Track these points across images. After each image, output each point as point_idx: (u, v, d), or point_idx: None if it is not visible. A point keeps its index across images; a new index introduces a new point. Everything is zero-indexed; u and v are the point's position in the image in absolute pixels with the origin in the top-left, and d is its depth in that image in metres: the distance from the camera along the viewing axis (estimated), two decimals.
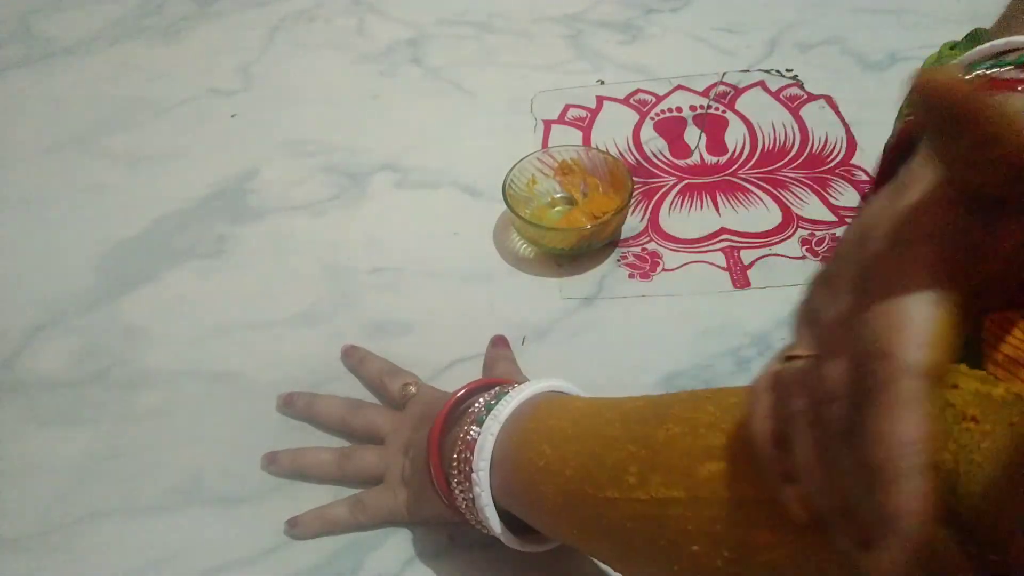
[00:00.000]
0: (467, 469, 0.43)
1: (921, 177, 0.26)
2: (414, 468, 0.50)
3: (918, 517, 0.22)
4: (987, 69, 0.32)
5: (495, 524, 0.43)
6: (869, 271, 0.26)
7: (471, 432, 0.44)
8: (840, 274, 0.28)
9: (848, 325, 0.26)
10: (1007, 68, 0.32)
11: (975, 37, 0.50)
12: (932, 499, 0.22)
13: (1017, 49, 0.34)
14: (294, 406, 0.57)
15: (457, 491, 0.44)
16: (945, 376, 0.24)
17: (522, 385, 0.45)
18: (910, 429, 0.22)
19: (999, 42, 0.35)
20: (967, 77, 0.32)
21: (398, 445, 0.52)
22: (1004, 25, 0.39)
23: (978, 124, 0.22)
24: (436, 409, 0.48)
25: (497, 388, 0.46)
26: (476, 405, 0.45)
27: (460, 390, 0.48)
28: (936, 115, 0.23)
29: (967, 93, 0.21)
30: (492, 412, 0.44)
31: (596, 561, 0.48)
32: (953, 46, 0.52)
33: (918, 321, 0.24)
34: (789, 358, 0.29)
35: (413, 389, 0.54)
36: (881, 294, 0.25)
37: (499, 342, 0.60)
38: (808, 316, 0.30)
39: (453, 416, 0.47)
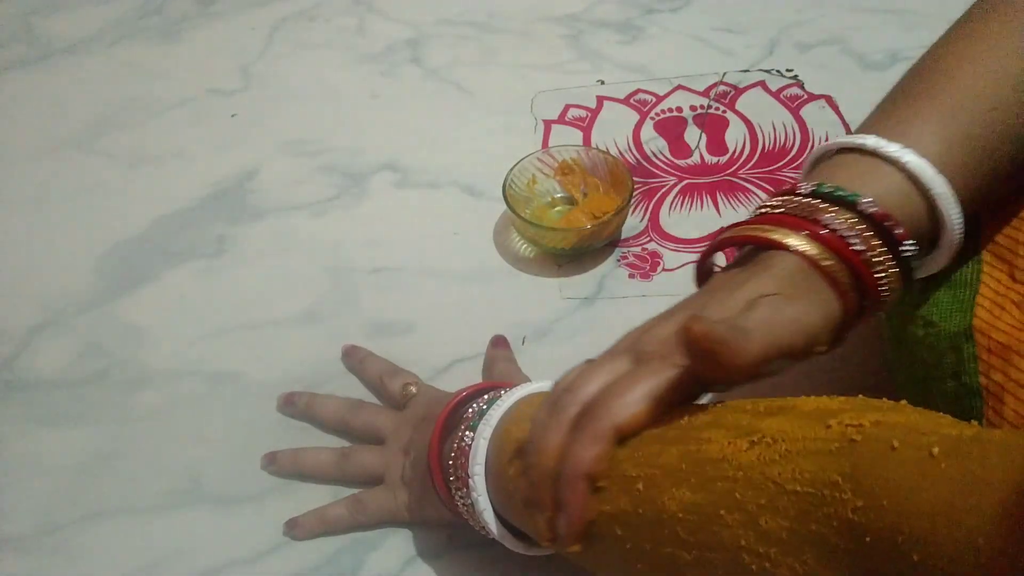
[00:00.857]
0: (463, 475, 0.43)
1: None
2: (414, 469, 0.50)
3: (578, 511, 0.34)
4: (812, 192, 0.38)
5: (495, 528, 0.43)
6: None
7: (465, 438, 0.44)
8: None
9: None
10: (814, 200, 0.38)
11: None
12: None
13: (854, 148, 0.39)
14: (294, 406, 0.57)
15: (457, 496, 0.44)
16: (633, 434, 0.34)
17: (514, 388, 0.45)
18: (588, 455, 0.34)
19: (848, 139, 0.40)
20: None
21: (398, 445, 0.52)
22: (890, 106, 0.43)
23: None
24: (436, 410, 0.48)
25: (491, 392, 0.46)
26: (471, 410, 0.45)
27: (459, 394, 0.48)
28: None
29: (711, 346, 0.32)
30: (485, 417, 0.43)
31: None
32: None
33: (638, 395, 0.34)
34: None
35: (413, 389, 0.54)
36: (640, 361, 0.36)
37: (499, 342, 0.60)
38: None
39: (452, 420, 0.47)
